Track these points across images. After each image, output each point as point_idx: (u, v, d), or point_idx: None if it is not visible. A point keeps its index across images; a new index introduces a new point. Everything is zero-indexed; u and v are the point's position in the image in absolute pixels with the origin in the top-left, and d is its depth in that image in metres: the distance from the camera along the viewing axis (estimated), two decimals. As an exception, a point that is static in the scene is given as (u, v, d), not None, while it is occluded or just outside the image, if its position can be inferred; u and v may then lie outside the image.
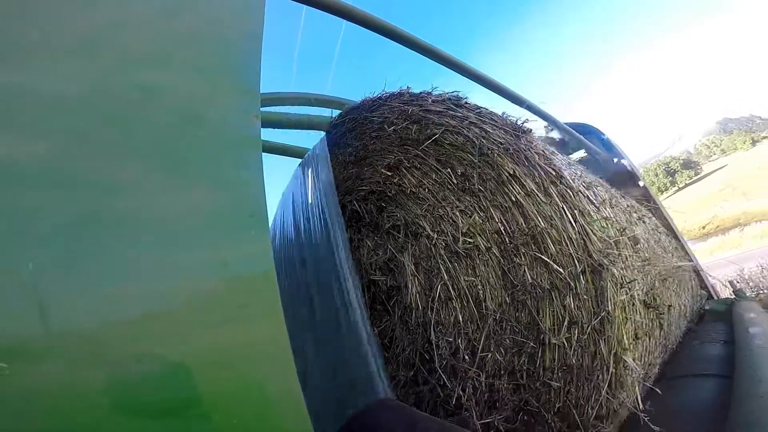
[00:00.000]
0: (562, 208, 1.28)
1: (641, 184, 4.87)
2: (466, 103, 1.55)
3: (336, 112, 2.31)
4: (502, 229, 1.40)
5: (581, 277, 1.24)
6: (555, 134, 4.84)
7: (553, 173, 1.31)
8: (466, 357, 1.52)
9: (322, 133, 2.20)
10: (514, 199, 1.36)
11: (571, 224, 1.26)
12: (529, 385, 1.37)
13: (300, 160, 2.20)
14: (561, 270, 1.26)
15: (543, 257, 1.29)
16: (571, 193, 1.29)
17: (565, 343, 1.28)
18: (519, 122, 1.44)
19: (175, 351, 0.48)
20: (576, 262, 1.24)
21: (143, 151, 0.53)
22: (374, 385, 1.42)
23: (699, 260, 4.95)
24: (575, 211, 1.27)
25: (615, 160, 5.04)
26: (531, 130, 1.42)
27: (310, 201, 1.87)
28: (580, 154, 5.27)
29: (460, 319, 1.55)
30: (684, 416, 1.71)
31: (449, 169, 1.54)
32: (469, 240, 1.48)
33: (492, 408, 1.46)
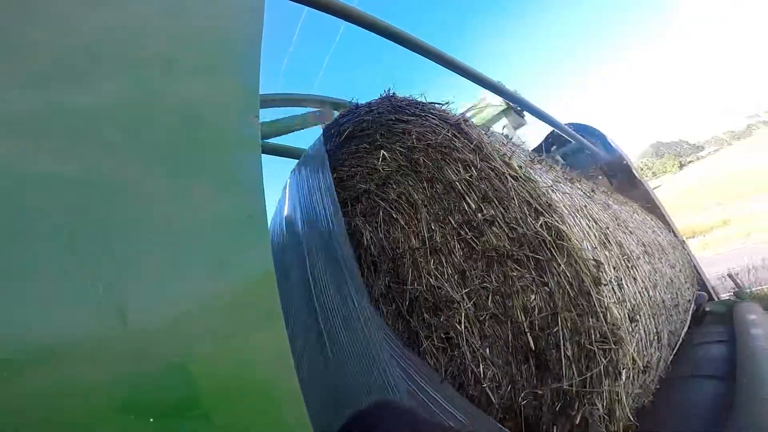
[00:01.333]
0: (436, 121, 1.82)
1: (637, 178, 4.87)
2: (360, 103, 2.19)
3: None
4: (403, 149, 1.91)
5: (473, 154, 1.67)
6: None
7: (419, 105, 1.91)
8: (423, 251, 1.78)
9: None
10: (400, 130, 1.93)
11: (448, 126, 1.78)
12: (488, 256, 1.59)
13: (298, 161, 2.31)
14: (453, 151, 1.71)
15: (439, 148, 1.76)
16: (439, 106, 1.86)
17: (497, 215, 1.58)
18: (388, 91, 2.08)
19: (174, 351, 0.47)
20: (463, 147, 1.70)
21: (142, 151, 0.52)
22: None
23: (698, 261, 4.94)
24: (450, 116, 1.81)
25: (613, 159, 5.05)
26: (395, 93, 2.04)
27: (310, 200, 2.08)
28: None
29: (404, 224, 1.87)
30: (687, 417, 1.70)
31: (365, 143, 2.11)
32: (386, 167, 1.97)
33: (461, 285, 1.63)
